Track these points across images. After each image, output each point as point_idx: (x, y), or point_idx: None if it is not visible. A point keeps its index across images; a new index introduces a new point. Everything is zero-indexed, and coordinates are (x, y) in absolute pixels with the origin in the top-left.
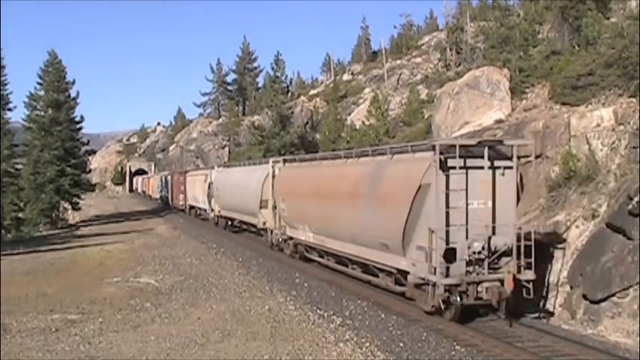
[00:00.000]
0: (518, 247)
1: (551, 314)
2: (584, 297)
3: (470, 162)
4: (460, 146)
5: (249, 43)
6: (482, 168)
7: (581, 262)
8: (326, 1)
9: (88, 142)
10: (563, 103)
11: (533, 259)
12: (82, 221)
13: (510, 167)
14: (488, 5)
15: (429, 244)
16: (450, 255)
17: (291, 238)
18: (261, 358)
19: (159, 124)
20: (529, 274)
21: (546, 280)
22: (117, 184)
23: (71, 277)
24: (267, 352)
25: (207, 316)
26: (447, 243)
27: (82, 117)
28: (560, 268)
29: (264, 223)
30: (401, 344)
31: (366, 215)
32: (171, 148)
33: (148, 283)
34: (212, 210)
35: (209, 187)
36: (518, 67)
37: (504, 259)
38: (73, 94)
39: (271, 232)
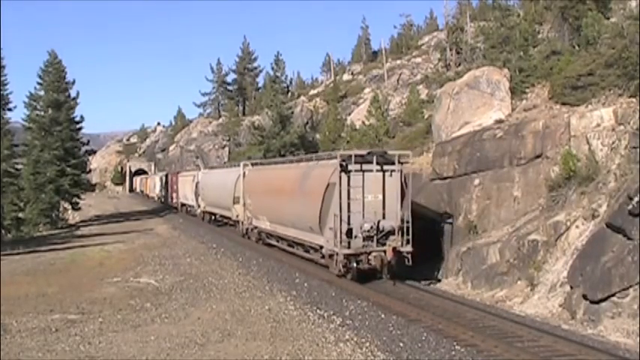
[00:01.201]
0: (401, 228)
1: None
2: (584, 297)
3: (365, 166)
4: (356, 155)
5: (249, 43)
6: (374, 171)
7: (581, 262)
8: (326, 1)
9: (88, 142)
10: (563, 103)
11: (410, 237)
12: (82, 221)
13: (394, 170)
14: (488, 5)
15: (334, 225)
16: (348, 233)
17: (255, 227)
18: (261, 358)
19: (159, 124)
20: (408, 248)
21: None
22: (117, 184)
23: (71, 277)
24: (267, 352)
25: (207, 316)
26: (348, 225)
27: (82, 117)
28: (558, 268)
29: (237, 216)
30: (401, 344)
31: (299, 206)
32: (171, 148)
33: (148, 283)
34: (199, 206)
35: (196, 187)
36: (518, 67)
37: (392, 237)
38: (73, 94)
39: (242, 223)
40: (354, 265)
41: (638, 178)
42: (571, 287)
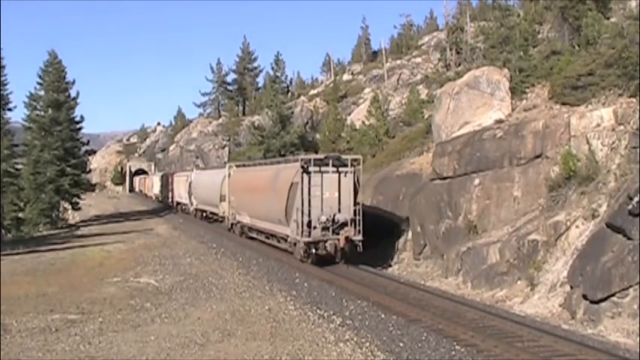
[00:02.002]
0: (353, 220)
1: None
2: (584, 297)
3: (323, 168)
4: (315, 159)
5: (249, 43)
6: (330, 172)
7: (581, 262)
8: (326, 1)
9: (88, 142)
10: (563, 103)
11: (361, 228)
12: (82, 221)
13: (348, 172)
14: (488, 5)
15: (297, 218)
16: (309, 224)
17: (238, 222)
18: (261, 358)
19: (159, 124)
20: (359, 237)
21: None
22: (117, 184)
23: (71, 277)
24: (267, 352)
25: (207, 316)
26: (309, 217)
27: (82, 117)
28: (558, 268)
29: (223, 212)
30: (401, 344)
31: (271, 202)
32: (171, 148)
33: (148, 283)
34: (191, 204)
35: (189, 186)
36: (518, 67)
37: (345, 228)
38: (73, 94)
39: (227, 218)
40: (313, 251)
41: (638, 178)
42: (571, 287)
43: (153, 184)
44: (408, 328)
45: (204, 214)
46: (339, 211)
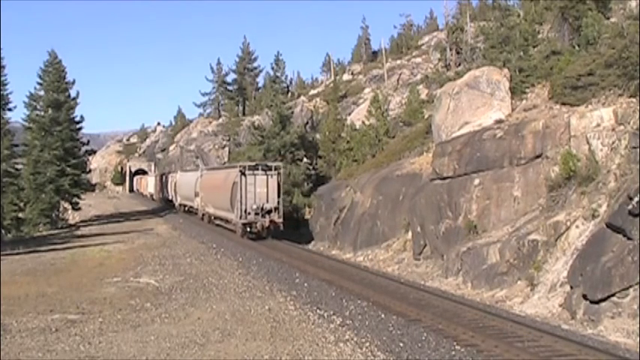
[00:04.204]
0: (277, 208)
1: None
2: (584, 297)
3: (255, 172)
4: (249, 165)
5: (249, 43)
6: (260, 175)
7: (581, 262)
8: (326, 1)
9: (88, 142)
10: (563, 103)
11: (282, 213)
12: (82, 221)
13: (274, 174)
14: (488, 5)
15: (237, 206)
16: (245, 211)
17: (206, 212)
18: (261, 358)
19: (159, 124)
20: (280, 220)
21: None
22: (117, 184)
23: (71, 277)
24: (267, 352)
25: (207, 316)
26: (245, 206)
27: (82, 117)
28: (558, 268)
29: (197, 205)
30: (401, 344)
31: (223, 196)
32: (171, 148)
33: (148, 283)
34: (176, 200)
35: (175, 185)
36: (518, 67)
37: (271, 214)
38: (73, 94)
39: (199, 210)
40: (248, 229)
41: (638, 178)
42: (571, 287)
43: (148, 184)
44: (408, 328)
45: (185, 208)
46: (267, 201)
